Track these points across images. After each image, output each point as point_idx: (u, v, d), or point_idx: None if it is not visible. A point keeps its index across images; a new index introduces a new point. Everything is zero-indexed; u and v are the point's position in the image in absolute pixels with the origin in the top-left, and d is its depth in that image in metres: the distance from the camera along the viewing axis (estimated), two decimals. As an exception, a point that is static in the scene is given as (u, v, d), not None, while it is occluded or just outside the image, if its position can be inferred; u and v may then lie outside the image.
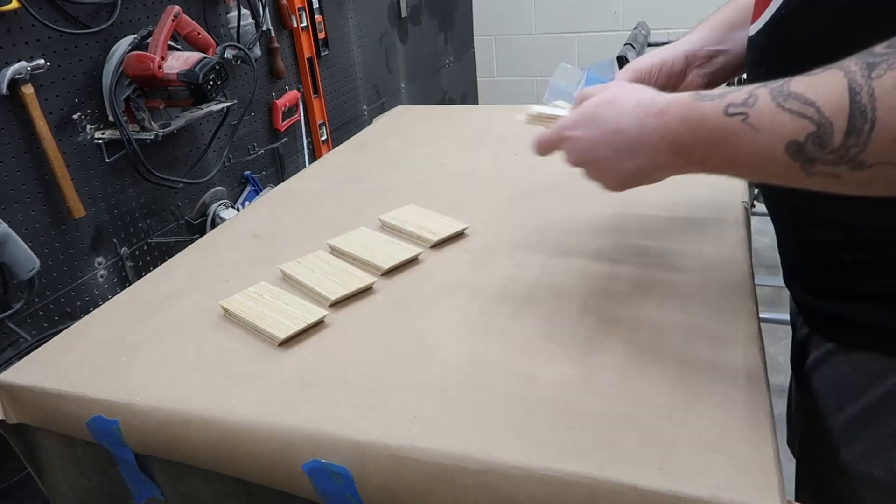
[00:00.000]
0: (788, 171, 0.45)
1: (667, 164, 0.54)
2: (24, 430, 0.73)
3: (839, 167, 0.42)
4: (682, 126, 0.51)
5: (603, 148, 0.58)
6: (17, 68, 1.15)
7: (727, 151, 0.48)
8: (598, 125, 0.58)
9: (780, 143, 0.44)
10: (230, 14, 1.72)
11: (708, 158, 0.50)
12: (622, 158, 0.57)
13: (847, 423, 0.59)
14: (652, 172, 0.56)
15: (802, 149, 0.43)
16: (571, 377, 0.60)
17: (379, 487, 0.54)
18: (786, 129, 0.44)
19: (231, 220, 1.04)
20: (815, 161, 0.43)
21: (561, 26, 3.31)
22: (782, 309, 1.77)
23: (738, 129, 0.47)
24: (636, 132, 0.55)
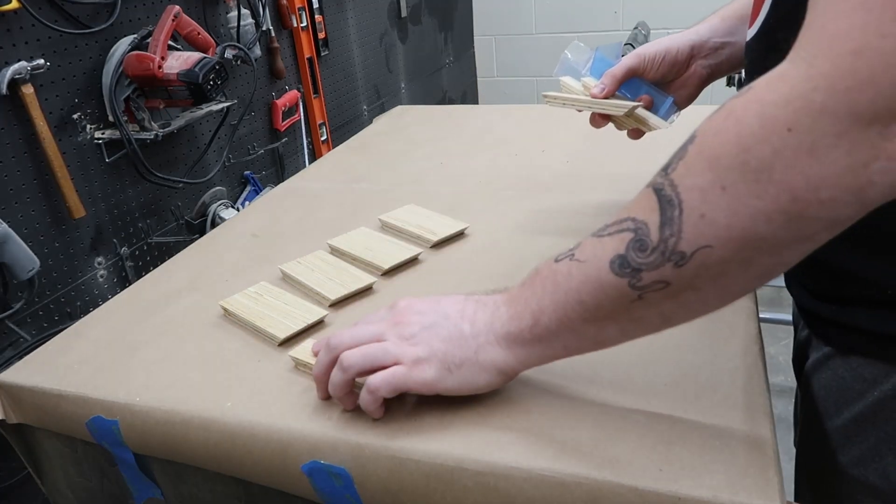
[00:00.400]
0: (619, 294, 0.44)
1: (500, 332, 0.51)
2: (24, 430, 0.73)
3: (664, 268, 0.42)
4: (520, 288, 0.51)
5: (448, 306, 0.54)
6: (17, 68, 1.15)
7: (557, 295, 0.47)
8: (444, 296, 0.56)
9: (605, 263, 0.44)
10: (230, 14, 1.72)
11: (541, 311, 0.48)
12: (463, 318, 0.53)
13: (844, 428, 0.59)
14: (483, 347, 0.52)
15: (625, 260, 0.43)
16: (571, 377, 0.60)
17: (378, 488, 0.54)
18: (607, 249, 0.44)
19: (231, 220, 1.04)
20: (640, 270, 0.42)
21: (561, 26, 3.31)
22: (782, 309, 1.77)
23: (565, 267, 0.47)
24: (483, 297, 0.54)
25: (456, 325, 0.52)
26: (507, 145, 1.22)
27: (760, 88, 0.39)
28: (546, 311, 0.48)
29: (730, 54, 0.75)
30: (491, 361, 0.52)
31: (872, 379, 0.56)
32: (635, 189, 0.68)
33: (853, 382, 0.58)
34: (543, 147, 1.19)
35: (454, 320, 0.53)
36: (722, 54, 0.75)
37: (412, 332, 0.53)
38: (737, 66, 0.77)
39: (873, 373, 0.56)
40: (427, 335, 0.52)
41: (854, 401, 0.58)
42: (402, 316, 0.54)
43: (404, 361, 0.52)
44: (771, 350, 1.95)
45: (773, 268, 0.41)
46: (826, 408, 0.61)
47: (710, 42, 0.75)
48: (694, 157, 0.41)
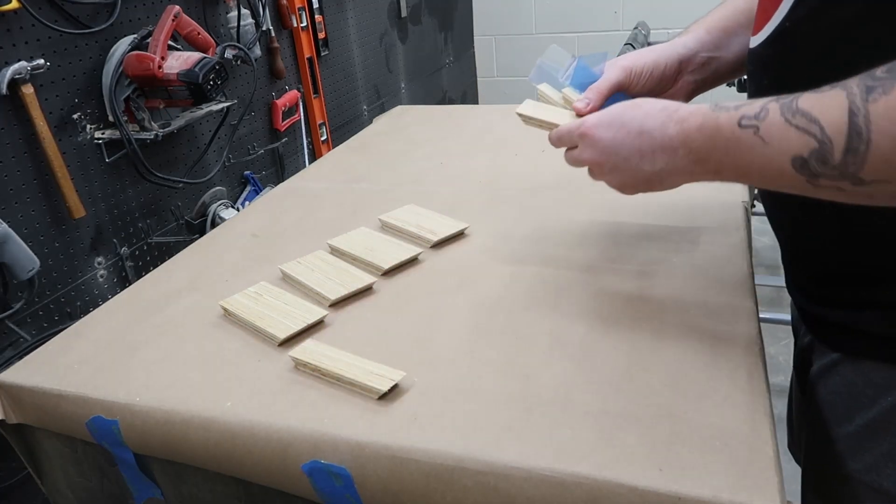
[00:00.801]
0: (797, 183, 0.48)
1: (684, 170, 0.56)
2: (24, 430, 0.73)
3: (842, 182, 0.45)
4: (699, 134, 0.54)
5: (626, 147, 0.59)
6: (17, 68, 1.15)
7: (740, 162, 0.51)
8: (623, 125, 0.60)
9: (787, 157, 0.47)
10: (230, 14, 1.72)
11: (722, 167, 0.53)
12: (643, 160, 0.58)
13: (856, 434, 0.59)
14: (668, 178, 0.58)
15: (806, 164, 0.46)
16: (571, 377, 0.60)
17: (378, 488, 0.54)
18: (792, 144, 0.47)
19: (231, 220, 1.04)
20: (819, 176, 0.46)
21: (561, 26, 3.31)
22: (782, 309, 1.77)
23: (749, 140, 0.50)
24: (659, 135, 0.57)
25: (637, 166, 0.59)
26: (507, 145, 1.22)
27: None
28: (727, 168, 0.53)
29: (716, 68, 0.74)
30: (681, 182, 0.59)
31: (885, 384, 0.56)
32: (635, 189, 0.68)
33: (864, 388, 0.57)
34: (543, 147, 1.18)
35: (634, 162, 0.59)
36: (709, 69, 0.74)
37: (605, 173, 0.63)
38: (721, 79, 0.75)
39: (886, 378, 0.56)
40: (618, 175, 0.62)
41: (866, 406, 0.57)
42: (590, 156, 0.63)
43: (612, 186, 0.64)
44: (771, 350, 1.95)
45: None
46: (835, 414, 0.61)
47: (698, 56, 0.73)
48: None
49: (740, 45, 0.72)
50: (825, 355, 0.62)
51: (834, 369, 0.61)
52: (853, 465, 0.59)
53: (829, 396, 0.61)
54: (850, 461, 0.59)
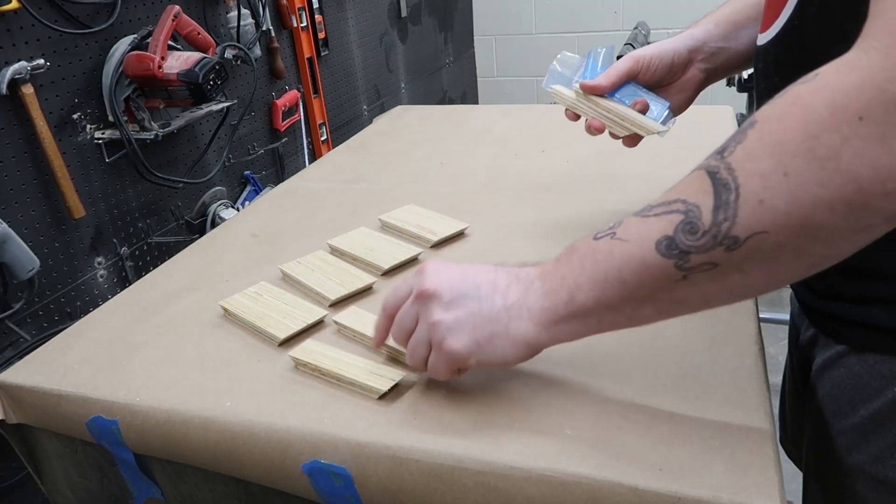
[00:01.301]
0: (663, 274, 0.44)
1: (535, 306, 0.50)
2: (24, 430, 0.73)
3: (714, 251, 0.41)
4: (555, 264, 0.51)
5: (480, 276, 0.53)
6: (17, 68, 1.15)
7: (597, 273, 0.47)
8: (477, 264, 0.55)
9: (650, 243, 0.44)
10: (230, 14, 1.72)
11: (578, 288, 0.48)
12: (496, 291, 0.52)
13: (860, 425, 0.59)
14: (514, 320, 0.51)
15: (673, 242, 0.43)
16: (571, 377, 0.60)
17: (378, 488, 0.54)
18: (653, 230, 0.44)
19: (231, 220, 1.04)
20: (689, 252, 0.42)
21: (561, 26, 3.31)
22: (782, 309, 1.77)
23: (605, 246, 0.47)
24: (516, 272, 0.53)
25: (487, 298, 0.52)
26: (507, 145, 1.22)
27: (829, 76, 0.39)
28: (583, 288, 0.48)
29: (725, 59, 0.75)
30: (522, 336, 0.51)
31: (891, 375, 0.56)
32: (634, 189, 0.68)
33: (870, 379, 0.58)
34: (543, 147, 1.19)
35: (485, 292, 0.52)
36: (718, 59, 0.75)
37: (440, 309, 0.52)
38: (731, 70, 0.77)
39: (892, 369, 0.56)
40: (455, 310, 0.52)
41: (871, 398, 0.57)
42: (430, 285, 0.53)
43: (434, 343, 0.53)
44: (771, 350, 1.95)
45: (825, 258, 0.41)
46: (840, 406, 0.61)
47: (706, 46, 0.74)
48: (755, 142, 0.40)
49: (749, 36, 0.73)
50: (829, 348, 0.62)
51: (839, 362, 0.61)
52: (858, 457, 0.59)
53: (834, 389, 0.61)
54: (854, 453, 0.59)
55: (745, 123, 0.42)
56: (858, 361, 0.59)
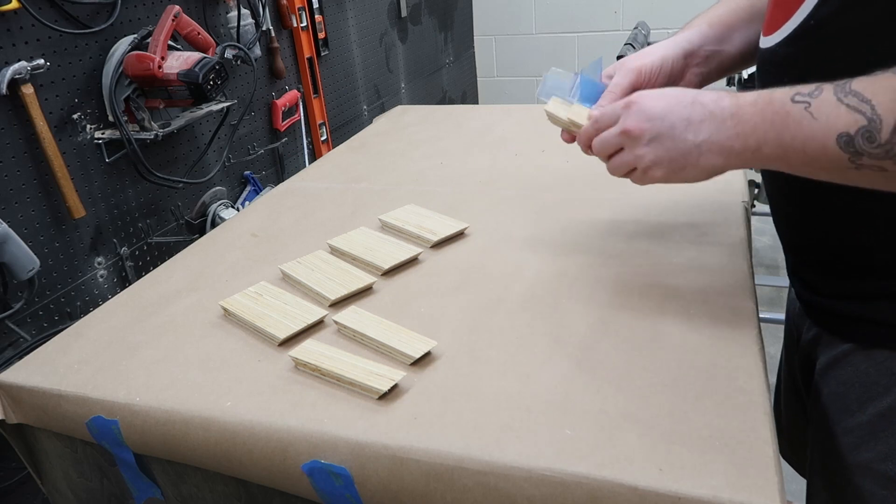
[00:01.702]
0: (837, 162, 0.49)
1: (724, 145, 0.56)
2: (24, 430, 0.73)
3: (885, 161, 0.46)
4: (751, 107, 0.54)
5: (675, 114, 0.59)
6: (17, 68, 1.15)
7: (784, 136, 0.51)
8: (675, 95, 0.60)
9: (833, 133, 0.48)
10: (230, 14, 1.72)
11: (765, 143, 0.53)
12: (688, 128, 0.58)
13: (869, 423, 0.59)
14: (705, 154, 0.57)
15: (852, 141, 0.47)
16: (571, 377, 0.60)
17: (378, 488, 0.54)
18: (840, 120, 0.48)
19: (231, 220, 1.04)
20: (863, 154, 0.47)
21: (561, 26, 3.31)
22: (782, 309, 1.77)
23: (798, 115, 0.50)
24: (712, 105, 0.57)
25: (681, 135, 0.58)
26: (507, 145, 1.22)
27: None
28: (770, 143, 0.52)
29: (719, 62, 0.75)
30: (711, 167, 0.58)
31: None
32: (634, 188, 0.69)
33: (879, 377, 0.57)
34: (543, 147, 1.18)
35: (680, 129, 0.58)
36: (712, 62, 0.75)
37: (643, 143, 0.60)
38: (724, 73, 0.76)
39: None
40: (656, 144, 0.59)
41: (880, 395, 0.57)
42: (635, 123, 0.61)
43: (638, 168, 0.62)
44: (771, 350, 1.95)
45: None
46: (846, 404, 0.61)
47: (702, 50, 0.74)
48: None
49: (742, 39, 0.73)
50: (834, 347, 0.62)
51: (845, 360, 0.61)
52: (866, 455, 0.59)
53: (840, 388, 0.61)
54: (862, 451, 0.59)
55: None
56: (866, 359, 0.59)
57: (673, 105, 0.59)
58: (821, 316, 0.64)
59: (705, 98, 0.57)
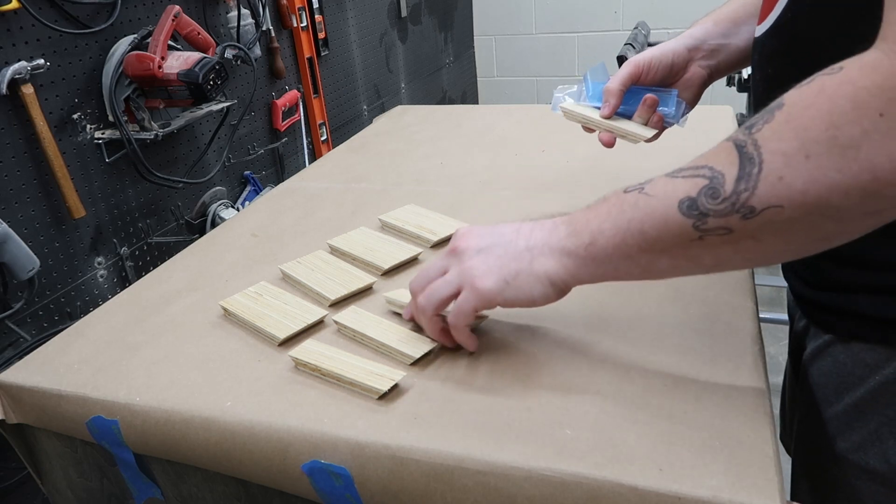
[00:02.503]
0: (681, 232, 0.47)
1: (556, 246, 0.54)
2: (24, 430, 0.73)
3: (731, 218, 0.44)
4: (583, 211, 0.54)
5: (505, 228, 0.58)
6: (17, 68, 1.15)
7: (620, 221, 0.50)
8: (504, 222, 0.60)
9: (674, 202, 0.47)
10: (230, 14, 1.72)
11: (600, 233, 0.51)
12: (519, 235, 0.57)
13: (844, 413, 0.59)
14: (536, 258, 0.55)
15: (695, 203, 0.46)
16: (571, 377, 0.60)
17: (378, 488, 0.54)
18: (679, 189, 0.47)
19: (231, 220, 1.04)
20: (708, 215, 0.45)
21: (561, 26, 3.31)
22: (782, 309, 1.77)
23: (632, 199, 0.50)
24: (542, 220, 0.57)
25: (512, 242, 0.57)
26: (507, 145, 1.22)
27: (853, 72, 0.41)
28: (605, 233, 0.51)
29: (726, 55, 0.76)
30: (545, 272, 0.55)
31: (874, 364, 0.57)
32: (635, 189, 0.68)
33: (854, 368, 0.58)
34: (543, 147, 1.19)
35: (510, 238, 0.57)
36: (719, 55, 0.76)
37: (470, 255, 0.58)
38: (734, 66, 0.77)
39: (875, 358, 0.57)
40: (484, 255, 0.57)
41: (855, 386, 0.58)
42: (462, 242, 0.59)
43: (465, 285, 0.57)
44: (771, 350, 1.95)
45: (835, 235, 0.44)
46: (826, 395, 0.62)
47: (705, 44, 0.75)
48: (781, 124, 0.43)
49: (749, 33, 0.74)
50: (818, 338, 0.63)
51: (826, 351, 0.61)
52: (841, 445, 0.60)
53: (821, 378, 0.62)
54: (838, 441, 0.60)
55: (773, 104, 0.45)
56: (844, 350, 0.59)
57: (500, 225, 0.59)
58: (808, 307, 0.65)
59: (531, 220, 0.58)
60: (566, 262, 0.54)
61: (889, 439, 0.56)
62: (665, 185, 0.48)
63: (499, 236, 0.58)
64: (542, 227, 0.56)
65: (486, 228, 0.60)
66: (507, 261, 0.56)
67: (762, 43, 0.61)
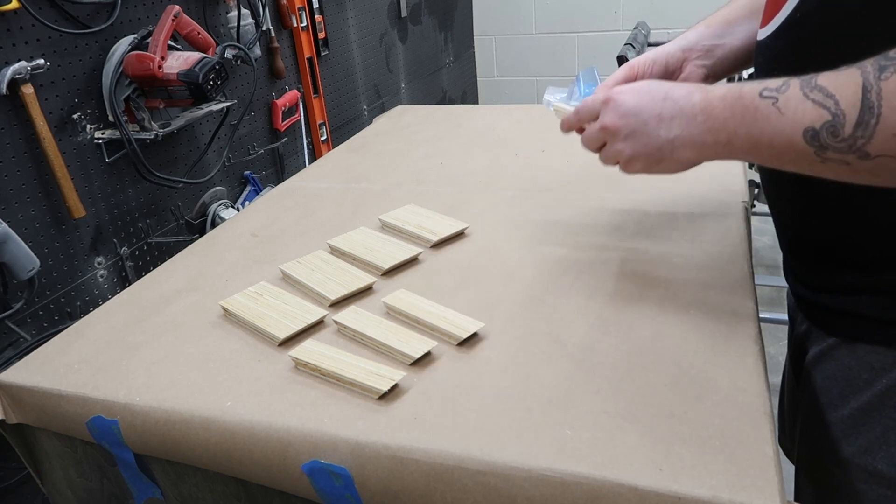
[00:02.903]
0: (803, 155, 0.49)
1: (696, 139, 0.58)
2: (24, 430, 0.73)
3: (848, 155, 0.47)
4: (721, 102, 0.56)
5: (647, 111, 0.61)
6: (17, 68, 1.15)
7: (753, 131, 0.53)
8: (649, 91, 0.62)
9: (799, 128, 0.49)
10: (230, 14, 1.72)
11: (735, 137, 0.54)
12: (661, 125, 0.60)
13: (850, 417, 0.59)
14: (678, 148, 0.59)
15: (817, 136, 0.48)
16: (571, 377, 0.60)
17: (378, 488, 0.54)
18: (806, 115, 0.49)
19: (231, 220, 1.04)
20: (827, 148, 0.48)
21: (561, 26, 3.31)
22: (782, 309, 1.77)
23: (766, 110, 0.52)
24: (682, 101, 0.59)
25: (654, 131, 0.60)
26: (508, 145, 1.22)
27: None
28: (740, 137, 0.54)
29: (722, 55, 0.76)
30: (686, 160, 0.60)
31: (881, 367, 0.56)
32: (634, 188, 0.68)
33: (860, 371, 0.58)
34: (543, 147, 1.19)
35: (653, 126, 0.61)
36: (714, 55, 0.76)
37: (619, 139, 0.64)
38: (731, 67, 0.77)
39: (881, 361, 0.56)
40: (632, 141, 0.63)
41: (861, 390, 0.58)
42: (609, 120, 0.64)
43: (620, 160, 0.65)
44: (771, 350, 1.95)
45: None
46: (830, 399, 0.61)
47: (699, 44, 0.75)
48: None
49: (744, 32, 0.74)
50: (822, 341, 0.62)
51: (830, 354, 0.61)
52: (847, 449, 0.60)
53: (825, 381, 0.62)
54: (844, 445, 0.60)
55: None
56: (849, 353, 0.59)
57: (646, 101, 0.61)
58: (810, 310, 0.65)
59: (677, 93, 0.59)
60: (705, 152, 0.58)
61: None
62: (796, 104, 0.50)
63: (643, 123, 0.61)
64: (682, 115, 0.59)
65: (630, 104, 0.62)
66: (652, 150, 0.61)
67: (766, 45, 0.61)
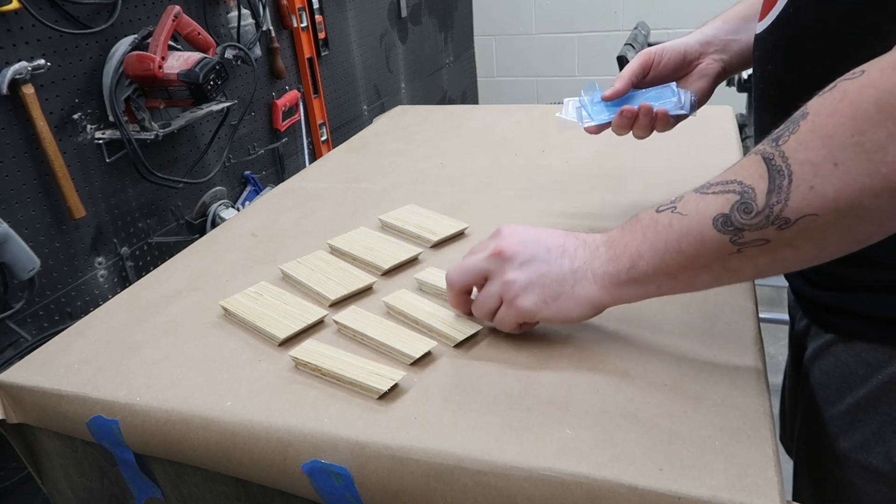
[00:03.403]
0: (719, 247, 0.48)
1: (598, 270, 0.55)
2: (24, 430, 0.73)
3: (766, 230, 0.45)
4: (619, 231, 0.55)
5: (551, 240, 0.58)
6: (18, 68, 1.16)
7: (657, 243, 0.51)
8: (547, 228, 0.60)
9: (707, 220, 0.48)
10: (230, 14, 1.72)
11: (639, 257, 0.52)
12: (564, 254, 0.57)
13: (846, 413, 0.60)
14: (579, 282, 0.56)
15: (729, 219, 0.46)
16: (571, 377, 0.60)
17: (379, 488, 0.54)
18: (711, 207, 0.48)
19: (231, 220, 1.04)
20: (743, 229, 0.46)
21: (561, 26, 3.31)
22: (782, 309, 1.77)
23: (666, 219, 0.51)
24: (583, 237, 0.58)
25: (556, 260, 0.57)
26: (508, 145, 1.22)
27: (874, 75, 0.41)
28: (644, 256, 0.52)
29: (739, 50, 0.76)
30: (586, 297, 0.56)
31: (876, 363, 0.57)
32: (635, 188, 0.69)
33: (856, 367, 0.58)
34: (543, 147, 1.19)
35: (555, 255, 0.57)
36: (731, 49, 0.76)
37: (513, 267, 0.58)
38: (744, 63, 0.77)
39: (877, 357, 0.57)
40: (527, 270, 0.57)
41: (857, 386, 0.58)
42: (505, 245, 0.59)
43: (506, 299, 0.58)
44: (771, 350, 1.95)
45: (871, 234, 0.45)
46: (827, 395, 0.62)
47: (717, 39, 0.76)
48: (806, 133, 0.44)
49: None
50: (819, 337, 0.63)
51: (828, 350, 0.61)
52: (844, 445, 0.60)
53: (822, 378, 0.62)
54: (841, 441, 0.60)
55: (797, 114, 0.45)
56: (846, 350, 0.59)
57: (547, 232, 0.59)
58: (808, 306, 0.65)
59: (573, 234, 0.58)
60: (609, 287, 0.55)
61: (892, 439, 0.56)
62: (697, 202, 0.49)
63: (544, 251, 0.57)
64: (584, 247, 0.57)
65: (530, 234, 0.59)
66: (550, 281, 0.56)
67: (763, 39, 0.61)
